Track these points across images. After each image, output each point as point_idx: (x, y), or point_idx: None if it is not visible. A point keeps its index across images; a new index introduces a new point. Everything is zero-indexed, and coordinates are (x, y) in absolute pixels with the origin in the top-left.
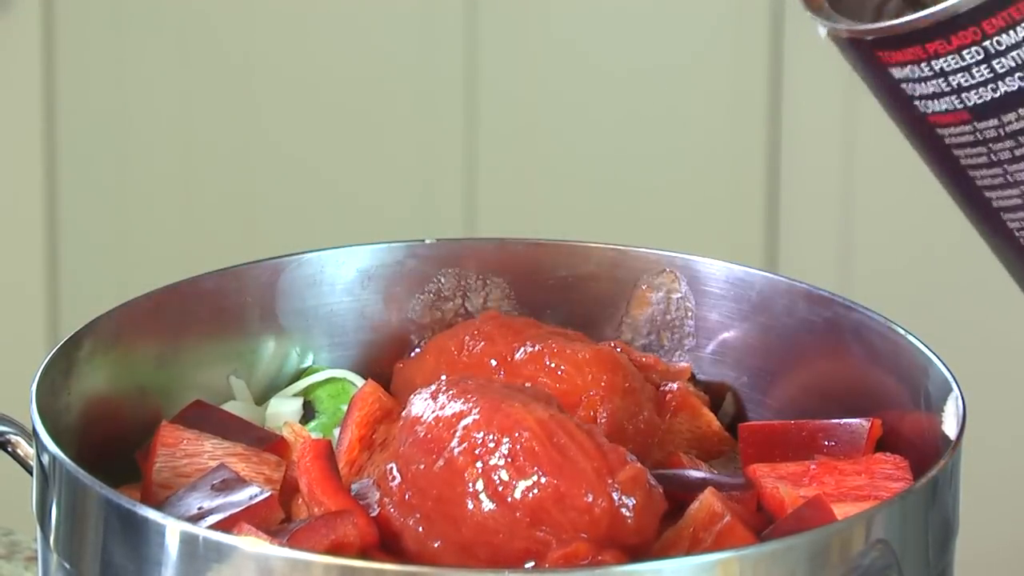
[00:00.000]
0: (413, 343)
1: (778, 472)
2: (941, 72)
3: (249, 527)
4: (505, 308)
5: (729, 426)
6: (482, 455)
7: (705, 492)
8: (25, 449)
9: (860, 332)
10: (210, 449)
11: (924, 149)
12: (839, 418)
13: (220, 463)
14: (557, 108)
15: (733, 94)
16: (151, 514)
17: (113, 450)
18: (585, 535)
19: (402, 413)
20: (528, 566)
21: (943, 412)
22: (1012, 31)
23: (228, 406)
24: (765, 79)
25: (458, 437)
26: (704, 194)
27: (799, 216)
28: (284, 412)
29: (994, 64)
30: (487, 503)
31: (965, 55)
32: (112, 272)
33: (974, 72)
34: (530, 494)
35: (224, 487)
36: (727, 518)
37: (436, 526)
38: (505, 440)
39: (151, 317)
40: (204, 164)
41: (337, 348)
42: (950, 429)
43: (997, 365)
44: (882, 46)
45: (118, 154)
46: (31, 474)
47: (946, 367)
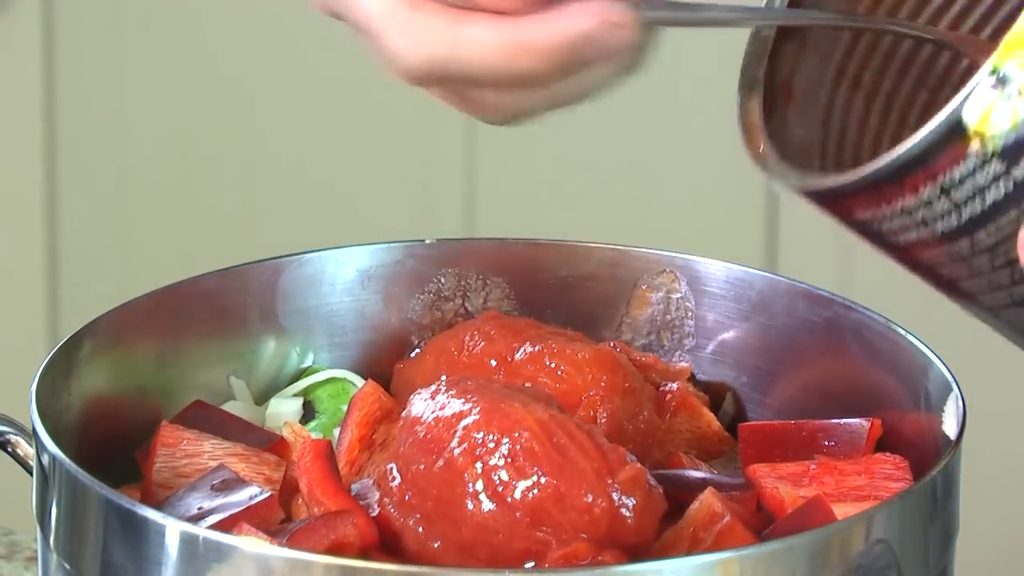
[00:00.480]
0: (413, 343)
1: (778, 472)
2: (903, 211)
3: (249, 527)
4: (505, 308)
5: (729, 426)
6: (482, 455)
7: (705, 492)
8: (25, 449)
9: (860, 332)
10: (210, 449)
11: (909, 269)
12: (839, 418)
13: (220, 463)
14: None
15: (733, 94)
16: (151, 514)
17: (113, 450)
18: (585, 535)
19: (402, 413)
20: (528, 566)
21: (943, 412)
22: (960, 164)
23: (228, 406)
24: None
25: (458, 437)
26: (704, 194)
27: (799, 216)
28: (284, 412)
29: (953, 195)
30: (487, 503)
31: (922, 194)
32: (112, 272)
33: (935, 206)
34: (530, 494)
35: (224, 487)
36: (727, 518)
37: (436, 526)
38: (505, 440)
39: (151, 317)
40: (204, 164)
41: (337, 348)
42: (950, 429)
43: (997, 365)
44: (838, 195)
45: (118, 154)
46: (31, 474)
47: (946, 367)
